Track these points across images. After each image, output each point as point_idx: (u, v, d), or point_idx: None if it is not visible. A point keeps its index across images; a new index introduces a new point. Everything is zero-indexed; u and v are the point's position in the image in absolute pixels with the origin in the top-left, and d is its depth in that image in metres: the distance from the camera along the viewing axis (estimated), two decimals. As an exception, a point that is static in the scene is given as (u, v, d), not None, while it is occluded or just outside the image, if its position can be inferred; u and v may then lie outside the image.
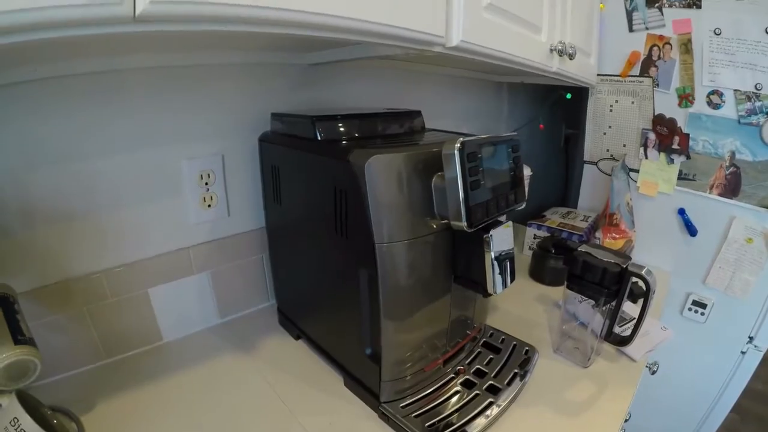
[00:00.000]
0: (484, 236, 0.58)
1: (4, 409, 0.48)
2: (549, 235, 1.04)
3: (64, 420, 0.59)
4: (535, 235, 1.07)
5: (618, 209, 0.96)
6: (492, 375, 0.70)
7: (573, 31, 0.91)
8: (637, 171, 1.11)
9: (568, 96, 1.19)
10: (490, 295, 0.61)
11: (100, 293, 0.70)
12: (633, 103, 1.07)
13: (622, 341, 0.71)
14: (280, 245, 0.82)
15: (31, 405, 0.52)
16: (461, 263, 0.63)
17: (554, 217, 1.11)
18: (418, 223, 0.57)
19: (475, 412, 0.63)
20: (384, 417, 0.63)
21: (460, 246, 0.62)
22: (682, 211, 1.05)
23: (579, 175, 1.17)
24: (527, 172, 1.03)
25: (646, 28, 1.02)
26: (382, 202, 0.54)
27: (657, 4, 1.00)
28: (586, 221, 1.07)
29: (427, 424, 0.61)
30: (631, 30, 1.05)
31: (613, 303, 0.70)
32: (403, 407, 0.64)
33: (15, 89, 0.57)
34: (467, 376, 0.70)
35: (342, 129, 0.66)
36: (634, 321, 0.78)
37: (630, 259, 0.69)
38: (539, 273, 1.00)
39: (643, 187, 1.08)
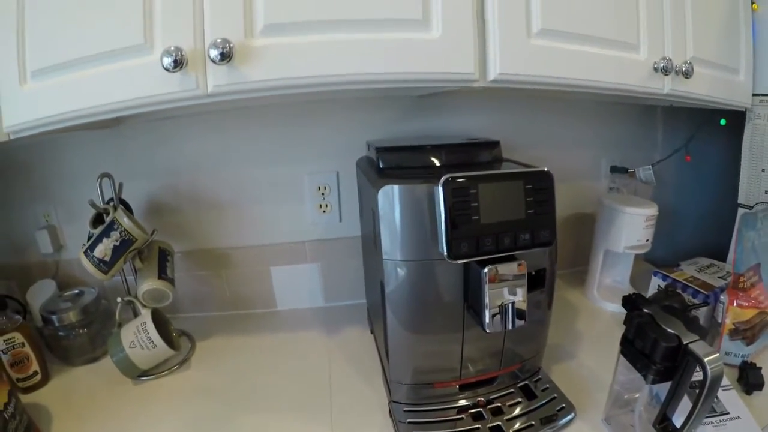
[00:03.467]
0: (482, 271, 0.59)
1: (141, 316, 0.79)
2: (663, 289, 0.84)
3: (182, 339, 0.89)
4: (659, 286, 0.88)
5: (756, 270, 0.70)
6: (506, 417, 0.67)
7: (697, 43, 0.75)
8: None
9: (722, 122, 0.91)
10: (486, 332, 0.60)
11: (234, 262, 1.00)
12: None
13: (670, 434, 0.57)
14: (364, 253, 0.97)
15: (162, 320, 0.83)
16: (470, 294, 0.64)
17: (689, 269, 0.88)
18: (425, 248, 0.62)
19: (463, 443, 0.63)
20: (390, 414, 0.71)
21: (468, 277, 0.63)
22: None
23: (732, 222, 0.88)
24: (650, 211, 0.86)
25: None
26: (390, 225, 0.62)
27: None
28: (725, 279, 0.81)
29: (414, 434, 0.65)
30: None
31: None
32: (405, 411, 0.69)
33: (190, 119, 0.90)
34: (481, 409, 0.69)
35: (399, 159, 0.75)
36: (728, 415, 0.62)
37: (704, 336, 0.55)
38: (640, 331, 0.82)
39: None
